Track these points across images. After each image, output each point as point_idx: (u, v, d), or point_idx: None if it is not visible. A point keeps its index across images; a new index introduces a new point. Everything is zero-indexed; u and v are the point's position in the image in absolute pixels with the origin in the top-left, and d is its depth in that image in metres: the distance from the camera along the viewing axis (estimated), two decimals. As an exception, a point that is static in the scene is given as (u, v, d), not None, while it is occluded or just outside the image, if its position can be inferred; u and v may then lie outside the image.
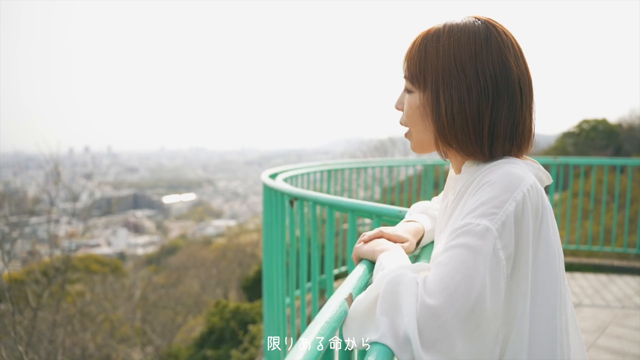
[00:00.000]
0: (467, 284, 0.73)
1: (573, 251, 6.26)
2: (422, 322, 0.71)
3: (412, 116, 0.97)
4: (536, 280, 0.83)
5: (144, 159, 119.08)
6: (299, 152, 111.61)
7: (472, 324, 0.72)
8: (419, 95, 0.95)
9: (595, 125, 18.78)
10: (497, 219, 0.78)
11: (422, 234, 1.15)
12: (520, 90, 0.90)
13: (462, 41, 0.90)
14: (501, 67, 0.89)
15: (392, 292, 0.75)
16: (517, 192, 0.80)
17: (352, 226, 1.84)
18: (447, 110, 0.90)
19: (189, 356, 9.60)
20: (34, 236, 18.45)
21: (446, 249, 0.79)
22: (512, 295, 0.81)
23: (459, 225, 0.80)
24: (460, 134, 0.90)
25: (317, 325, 0.69)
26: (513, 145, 0.92)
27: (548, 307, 0.83)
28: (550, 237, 0.85)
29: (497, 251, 0.77)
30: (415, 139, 1.00)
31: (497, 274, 0.76)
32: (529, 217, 0.81)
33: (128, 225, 56.41)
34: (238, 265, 17.19)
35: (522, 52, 0.93)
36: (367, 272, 0.94)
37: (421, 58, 0.94)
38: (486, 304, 0.74)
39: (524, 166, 0.90)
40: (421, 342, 0.70)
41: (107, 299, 11.88)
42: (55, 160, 10.35)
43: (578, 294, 4.67)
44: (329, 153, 73.80)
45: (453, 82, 0.89)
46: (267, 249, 3.03)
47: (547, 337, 0.83)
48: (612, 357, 3.32)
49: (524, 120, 0.92)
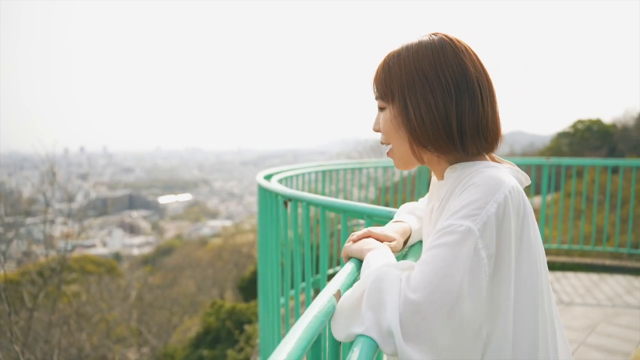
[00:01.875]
0: (449, 281, 0.78)
1: (566, 251, 6.33)
2: (404, 316, 0.75)
3: (388, 130, 1.03)
4: (519, 278, 0.87)
5: (140, 159, 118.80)
6: (295, 153, 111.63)
7: (453, 319, 0.77)
8: (390, 108, 1.01)
9: (590, 126, 18.88)
10: (479, 220, 0.82)
11: (410, 233, 1.19)
12: (480, 87, 0.96)
13: (420, 52, 0.97)
14: (459, 69, 0.96)
15: (377, 288, 0.80)
16: (498, 194, 0.85)
17: (344, 227, 1.88)
18: (415, 113, 0.96)
19: (185, 356, 9.61)
20: (29, 237, 18.39)
21: (430, 248, 0.84)
22: (495, 292, 0.85)
23: (442, 225, 0.85)
24: (432, 134, 0.95)
25: (306, 319, 0.74)
26: (482, 140, 0.97)
27: (531, 304, 0.88)
28: (532, 237, 0.89)
29: (478, 250, 0.81)
30: (396, 154, 1.05)
31: (478, 272, 0.81)
32: (510, 218, 0.85)
33: (124, 225, 56.26)
34: (234, 266, 17.19)
35: (477, 56, 1.00)
36: (355, 270, 0.99)
37: (386, 75, 1.01)
38: (467, 301, 0.78)
39: (504, 170, 0.94)
40: (403, 336, 0.74)
41: (102, 300, 11.88)
42: (50, 161, 10.35)
43: (570, 293, 4.73)
44: (325, 153, 73.84)
45: (417, 89, 0.96)
46: (262, 249, 3.07)
47: (530, 332, 0.87)
48: (602, 355, 3.37)
49: (487, 114, 0.97)
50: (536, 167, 6.09)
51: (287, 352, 0.64)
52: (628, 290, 4.82)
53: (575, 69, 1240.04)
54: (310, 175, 4.63)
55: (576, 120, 19.15)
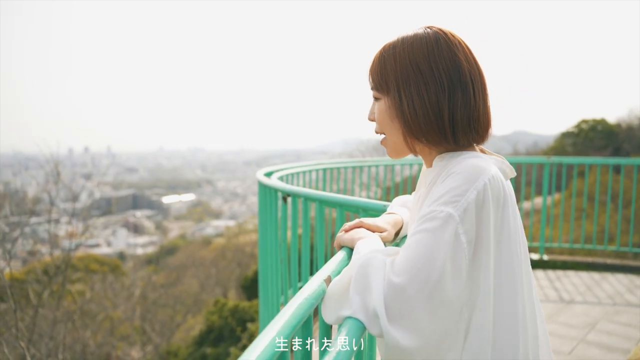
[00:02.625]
0: (430, 264, 0.81)
1: (568, 250, 6.34)
2: (388, 298, 0.79)
3: (382, 120, 1.06)
4: (499, 262, 0.90)
5: (143, 159, 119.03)
6: (297, 152, 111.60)
7: (435, 300, 0.80)
8: (385, 99, 1.04)
9: (594, 125, 18.80)
10: (459, 206, 0.86)
11: (401, 225, 1.23)
12: (472, 81, 0.99)
13: (415, 45, 1.00)
14: (452, 63, 0.98)
15: (363, 273, 0.84)
16: (478, 181, 0.88)
17: (340, 221, 1.92)
18: (409, 105, 0.99)
19: (189, 354, 9.67)
20: (34, 236, 18.48)
21: (413, 233, 0.87)
22: (475, 275, 0.88)
23: (425, 212, 0.89)
24: (424, 125, 0.98)
25: (297, 301, 0.77)
26: (473, 132, 1.00)
27: (511, 286, 0.91)
28: (511, 223, 0.92)
29: (458, 235, 0.85)
30: (390, 144, 1.08)
31: (458, 256, 0.84)
32: (489, 205, 0.88)
33: (127, 225, 56.41)
34: (237, 265, 17.25)
35: (470, 50, 1.03)
36: (346, 258, 1.02)
37: (381, 67, 1.04)
38: (447, 283, 0.82)
39: (487, 159, 0.97)
40: (388, 317, 0.78)
41: (107, 298, 11.94)
42: (55, 160, 10.41)
43: (570, 292, 4.74)
44: (327, 153, 73.79)
45: (411, 81, 0.98)
46: (262, 246, 3.11)
47: (510, 312, 0.90)
48: (601, 352, 3.39)
49: (478, 108, 1.00)
50: (537, 166, 6.10)
51: (277, 330, 0.68)
52: (629, 288, 4.83)
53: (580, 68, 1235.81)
54: (311, 174, 4.65)
55: (580, 120, 19.08)
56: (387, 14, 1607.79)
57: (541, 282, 5.03)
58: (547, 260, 5.64)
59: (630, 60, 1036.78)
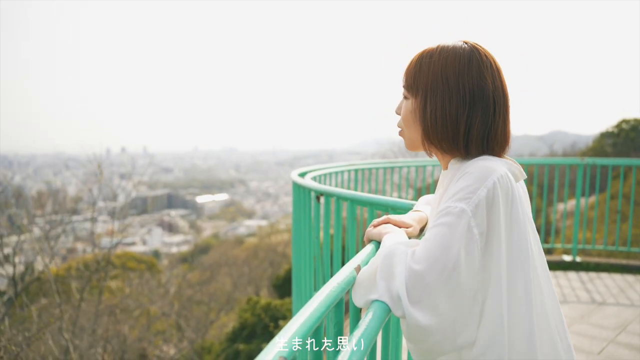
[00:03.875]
0: (446, 253, 0.93)
1: (603, 252, 6.27)
2: (410, 284, 0.91)
3: (406, 118, 1.18)
4: (510, 252, 1.01)
5: (178, 160, 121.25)
6: (329, 153, 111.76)
7: (450, 285, 0.92)
8: (412, 101, 1.16)
9: (635, 125, 18.24)
10: (472, 202, 0.97)
11: (426, 221, 1.34)
12: (494, 102, 1.09)
13: (449, 60, 1.10)
14: (478, 82, 1.08)
15: (388, 262, 0.96)
16: (488, 180, 0.99)
17: (371, 219, 2.03)
18: (431, 114, 1.10)
19: (222, 350, 9.90)
20: (74, 234, 19.15)
21: (431, 227, 0.99)
22: (487, 263, 0.98)
23: (441, 208, 1.00)
24: (440, 134, 1.10)
25: (330, 285, 0.90)
26: (486, 147, 1.10)
27: (521, 274, 1.01)
28: (520, 219, 1.02)
29: (471, 228, 0.96)
30: (407, 138, 1.21)
31: (471, 246, 0.95)
32: (499, 201, 0.99)
33: (162, 224, 57.60)
34: (269, 264, 17.49)
35: (500, 71, 1.13)
36: (374, 250, 1.15)
37: (416, 71, 1.15)
38: (462, 270, 0.93)
39: (497, 161, 1.07)
40: (409, 300, 0.90)
41: (143, 295, 12.32)
42: (97, 160, 10.82)
43: (602, 293, 4.71)
44: (360, 153, 73.66)
45: (438, 92, 1.10)
46: (296, 243, 3.24)
47: (521, 297, 1.00)
48: (631, 353, 3.40)
49: (496, 127, 1.10)
50: (571, 167, 6.06)
51: (314, 308, 0.80)
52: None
53: (622, 66, 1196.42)
54: (344, 174, 4.75)
55: (621, 120, 18.52)
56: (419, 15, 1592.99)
57: (573, 283, 5.02)
58: (580, 262, 5.60)
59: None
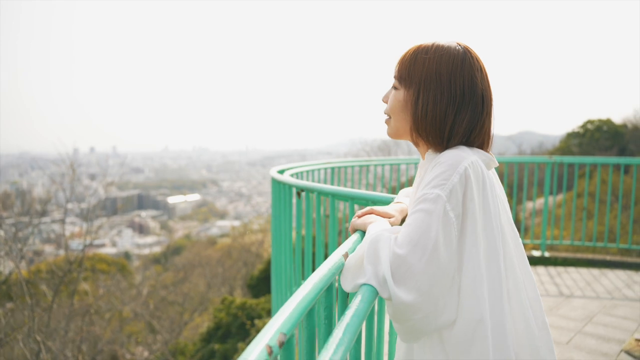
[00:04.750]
0: (426, 237, 0.99)
1: (570, 247, 6.48)
2: (394, 266, 0.98)
3: (394, 107, 1.24)
4: (484, 233, 1.08)
5: (148, 160, 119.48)
6: (302, 153, 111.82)
7: (431, 266, 0.98)
8: (404, 92, 1.21)
9: (600, 126, 18.81)
10: (446, 188, 1.04)
11: (406, 212, 1.40)
12: (482, 101, 1.17)
13: (443, 58, 1.17)
14: (469, 83, 1.16)
15: (374, 248, 1.02)
16: (459, 167, 1.06)
17: (351, 213, 2.08)
18: (422, 107, 1.17)
19: (196, 351, 9.84)
20: (39, 236, 18.68)
21: (410, 214, 1.06)
22: (462, 245, 1.05)
23: (418, 195, 1.07)
24: (429, 128, 1.17)
25: (322, 271, 0.94)
26: (466, 141, 1.17)
27: (493, 253, 1.08)
28: (490, 202, 1.09)
29: (447, 212, 1.03)
30: (392, 126, 1.26)
31: (448, 229, 1.02)
32: (472, 185, 1.06)
33: (133, 225, 56.71)
34: (243, 264, 17.43)
35: (487, 74, 1.21)
36: (359, 239, 1.20)
37: (411, 64, 1.20)
38: (441, 251, 1.00)
39: (468, 150, 1.14)
40: (394, 281, 0.97)
41: (115, 297, 12.14)
42: (65, 160, 10.60)
43: (570, 287, 4.88)
44: (333, 153, 73.90)
45: (431, 87, 1.16)
46: (276, 239, 3.28)
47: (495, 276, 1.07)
48: (597, 342, 3.54)
49: (482, 124, 1.18)
50: (540, 166, 6.24)
51: (306, 291, 0.84)
52: (628, 284, 4.97)
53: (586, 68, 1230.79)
54: (320, 172, 4.79)
55: (586, 120, 19.11)
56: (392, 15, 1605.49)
57: (542, 277, 5.18)
58: (549, 257, 5.79)
59: (637, 61, 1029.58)
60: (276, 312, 2.38)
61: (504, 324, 1.05)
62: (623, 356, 3.32)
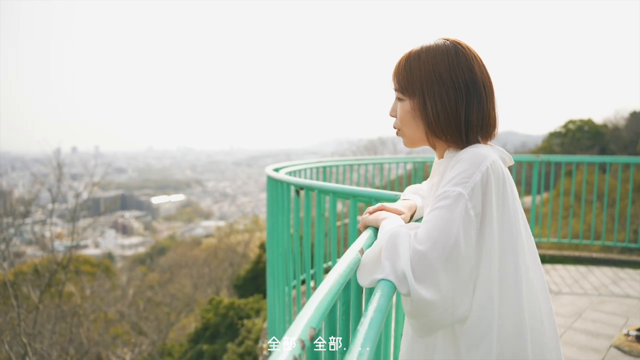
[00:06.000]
0: (446, 233, 1.00)
1: (557, 245, 6.57)
2: (414, 262, 0.98)
3: (404, 119, 1.24)
4: (501, 231, 1.09)
5: (132, 160, 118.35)
6: (287, 152, 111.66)
7: (451, 262, 0.99)
8: (409, 101, 1.22)
9: (581, 126, 19.13)
10: (468, 186, 1.05)
11: (415, 209, 1.41)
12: (484, 88, 1.18)
13: (437, 57, 1.18)
14: (469, 74, 1.17)
15: (392, 243, 1.02)
16: (482, 166, 1.07)
17: (353, 211, 2.08)
18: (432, 110, 1.17)
19: (184, 352, 9.77)
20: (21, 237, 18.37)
21: (431, 210, 1.06)
22: (480, 243, 1.07)
23: (439, 192, 1.07)
24: (445, 127, 1.17)
25: (340, 267, 0.95)
26: (483, 131, 1.19)
27: (511, 251, 1.09)
28: (509, 201, 1.11)
29: (468, 210, 1.03)
30: (407, 136, 1.27)
31: (468, 227, 1.03)
32: (492, 184, 1.07)
33: (116, 226, 56.13)
34: (229, 265, 17.37)
35: (482, 61, 1.22)
36: (372, 235, 1.20)
37: (407, 73, 1.21)
38: (461, 248, 1.01)
39: (488, 148, 1.16)
40: (414, 278, 0.97)
41: (99, 298, 12.01)
42: (48, 161, 10.44)
43: (558, 283, 4.96)
44: (318, 153, 73.97)
45: (435, 89, 1.17)
46: (272, 238, 3.27)
47: (512, 273, 1.09)
48: (587, 338, 3.60)
49: (489, 112, 1.19)
50: (527, 165, 6.32)
51: (329, 287, 0.84)
52: (614, 280, 5.05)
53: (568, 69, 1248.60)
54: (312, 171, 4.78)
55: (568, 121, 19.41)
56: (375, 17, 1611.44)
57: (530, 275, 5.25)
58: (537, 255, 5.86)
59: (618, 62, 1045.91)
60: (272, 312, 2.38)
61: (516, 321, 1.07)
62: (613, 351, 3.38)
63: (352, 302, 1.04)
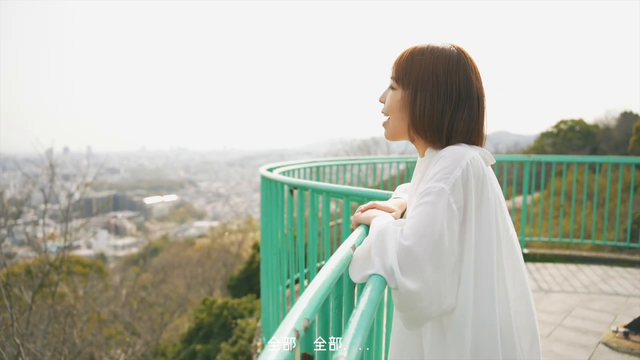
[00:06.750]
0: (431, 228, 1.04)
1: (548, 244, 6.64)
2: (401, 257, 1.02)
3: (392, 106, 1.28)
4: (479, 226, 1.13)
5: (124, 160, 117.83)
6: (281, 153, 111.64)
7: (436, 256, 1.03)
8: (401, 92, 1.26)
9: (573, 126, 19.28)
10: (449, 181, 1.09)
11: (406, 207, 1.45)
12: (478, 100, 1.23)
13: (439, 59, 1.22)
14: (465, 83, 1.21)
15: (380, 240, 1.07)
16: (462, 162, 1.11)
17: (346, 210, 2.12)
18: (420, 107, 1.21)
19: (177, 352, 9.76)
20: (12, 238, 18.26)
21: (416, 206, 1.10)
22: (462, 236, 1.11)
23: (422, 189, 1.12)
24: (427, 126, 1.22)
25: (333, 263, 0.98)
26: (468, 142, 1.23)
27: (487, 245, 1.13)
28: (489, 197, 1.15)
29: (450, 204, 1.08)
30: (390, 127, 1.31)
31: (452, 221, 1.07)
32: (471, 180, 1.11)
33: (109, 226, 55.90)
34: (223, 265, 17.36)
35: (480, 74, 1.26)
36: (364, 232, 1.24)
37: (408, 65, 1.25)
38: (445, 242, 1.05)
39: (468, 147, 1.20)
40: (401, 272, 1.01)
41: (92, 298, 11.97)
42: (41, 161, 10.40)
43: (549, 282, 5.02)
44: (312, 153, 73.95)
45: (428, 87, 1.21)
46: (266, 238, 3.30)
47: (487, 266, 1.13)
48: (576, 335, 3.66)
49: (476, 123, 1.23)
50: (518, 165, 6.39)
51: (322, 281, 0.88)
52: (603, 278, 5.13)
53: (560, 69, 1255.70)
54: (306, 170, 4.83)
55: (559, 121, 19.56)
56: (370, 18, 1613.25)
57: (521, 273, 5.31)
58: (527, 253, 5.93)
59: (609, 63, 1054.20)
60: (266, 311, 2.41)
61: (490, 313, 1.11)
62: (601, 347, 3.44)
63: (345, 297, 1.07)
